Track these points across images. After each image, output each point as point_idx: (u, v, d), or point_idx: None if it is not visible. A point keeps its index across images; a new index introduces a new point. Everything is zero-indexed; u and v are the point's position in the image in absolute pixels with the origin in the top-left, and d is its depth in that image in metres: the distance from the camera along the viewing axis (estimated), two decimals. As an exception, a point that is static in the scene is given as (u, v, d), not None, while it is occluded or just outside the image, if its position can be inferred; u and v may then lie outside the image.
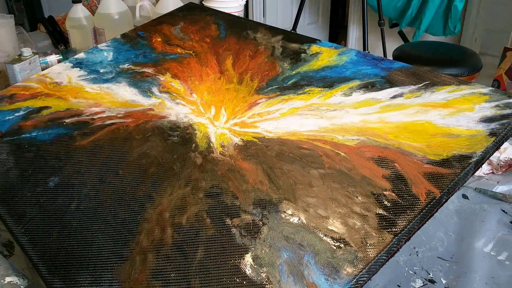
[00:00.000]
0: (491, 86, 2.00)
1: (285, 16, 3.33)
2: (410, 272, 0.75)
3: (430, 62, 1.72)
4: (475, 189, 0.92)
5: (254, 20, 3.02)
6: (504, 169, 0.95)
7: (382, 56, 1.82)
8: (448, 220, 0.85)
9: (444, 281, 0.73)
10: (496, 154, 0.96)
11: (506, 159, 0.94)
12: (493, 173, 0.97)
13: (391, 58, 1.84)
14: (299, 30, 3.38)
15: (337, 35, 3.62)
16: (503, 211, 0.87)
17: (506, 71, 2.25)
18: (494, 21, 2.94)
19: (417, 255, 0.78)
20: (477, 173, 0.97)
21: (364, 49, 1.59)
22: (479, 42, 3.06)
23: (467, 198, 0.91)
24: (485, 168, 0.96)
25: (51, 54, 1.46)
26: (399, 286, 0.72)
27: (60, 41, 1.67)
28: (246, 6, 3.05)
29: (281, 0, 3.18)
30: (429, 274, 0.74)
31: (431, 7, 2.66)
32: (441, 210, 0.88)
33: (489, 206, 0.88)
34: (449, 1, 2.66)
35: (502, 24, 2.85)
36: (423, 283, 0.73)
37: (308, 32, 3.37)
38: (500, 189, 0.92)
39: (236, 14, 1.59)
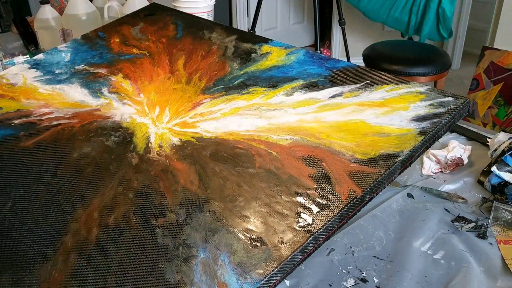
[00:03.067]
0: (470, 85, 1.99)
1: (270, 15, 3.32)
2: (344, 271, 0.75)
3: (400, 61, 1.72)
4: (421, 188, 0.92)
5: (238, 19, 3.03)
6: (451, 168, 0.95)
7: (346, 55, 1.82)
8: (389, 219, 0.85)
9: (376, 280, 0.73)
10: (444, 153, 0.96)
11: (454, 158, 0.94)
12: (441, 172, 0.97)
13: (361, 57, 1.84)
14: (284, 30, 3.38)
15: (324, 34, 3.62)
16: (446, 210, 0.87)
17: (484, 70, 2.24)
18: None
19: (353, 254, 0.78)
20: (425, 172, 0.97)
21: (316, 49, 1.58)
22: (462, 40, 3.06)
23: (412, 197, 0.91)
24: (433, 167, 0.96)
25: (18, 55, 1.46)
26: (331, 286, 0.72)
27: (31, 42, 1.67)
28: (230, 6, 3.05)
29: (265, 0, 3.17)
30: (363, 273, 0.74)
31: (430, 14, 2.60)
32: (383, 209, 0.88)
33: (432, 205, 0.88)
34: (438, 5, 2.61)
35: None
36: (355, 282, 0.73)
37: (293, 32, 3.37)
38: (446, 188, 0.92)
39: (205, 14, 1.59)
